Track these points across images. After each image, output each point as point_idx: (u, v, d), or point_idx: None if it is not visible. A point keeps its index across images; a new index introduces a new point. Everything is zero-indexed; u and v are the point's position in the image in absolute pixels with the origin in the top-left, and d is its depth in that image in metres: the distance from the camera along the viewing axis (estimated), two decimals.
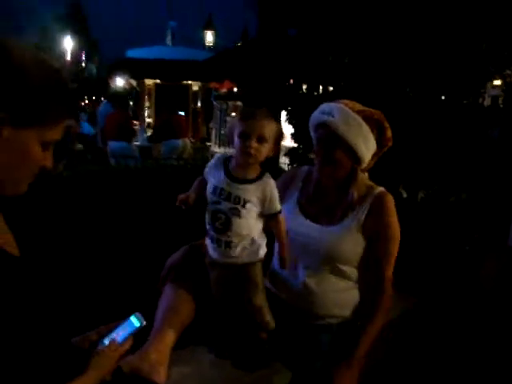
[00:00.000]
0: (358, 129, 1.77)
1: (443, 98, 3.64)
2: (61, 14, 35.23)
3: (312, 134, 1.92)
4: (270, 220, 1.71)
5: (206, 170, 1.77)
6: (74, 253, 2.37)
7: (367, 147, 1.80)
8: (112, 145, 7.39)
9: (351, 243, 1.83)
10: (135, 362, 1.58)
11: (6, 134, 0.87)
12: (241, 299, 1.72)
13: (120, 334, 1.27)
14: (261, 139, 1.61)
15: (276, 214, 1.69)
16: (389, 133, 1.86)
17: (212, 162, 1.77)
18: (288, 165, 4.54)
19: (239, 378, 1.72)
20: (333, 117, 1.78)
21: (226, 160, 1.72)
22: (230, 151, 1.76)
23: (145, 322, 1.30)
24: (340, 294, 1.87)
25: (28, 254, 0.98)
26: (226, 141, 11.82)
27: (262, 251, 1.74)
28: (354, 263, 1.86)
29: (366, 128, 1.79)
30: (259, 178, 1.67)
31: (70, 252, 2.35)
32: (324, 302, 1.84)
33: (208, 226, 1.72)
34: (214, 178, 1.72)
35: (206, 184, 1.74)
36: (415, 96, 3.63)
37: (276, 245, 1.85)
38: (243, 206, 1.64)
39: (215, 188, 1.69)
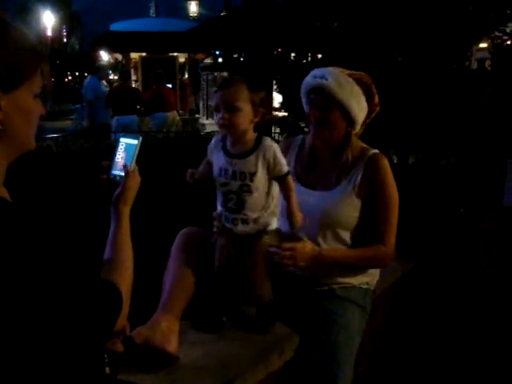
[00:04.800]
0: (351, 90, 1.80)
1: (431, 62, 3.63)
2: None
3: (304, 100, 1.92)
4: (279, 183, 1.67)
5: (208, 151, 1.76)
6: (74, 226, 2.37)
7: (360, 108, 1.83)
8: (118, 120, 7.21)
9: (348, 207, 1.85)
10: (146, 333, 1.59)
11: (3, 103, 0.92)
12: (240, 270, 1.70)
13: (124, 157, 1.24)
14: (230, 109, 1.57)
15: (284, 177, 1.65)
16: (376, 98, 1.88)
17: (212, 142, 1.75)
18: (279, 134, 4.54)
19: (249, 343, 1.74)
20: (326, 80, 1.80)
21: (223, 138, 1.70)
22: None
23: (141, 137, 1.25)
24: None
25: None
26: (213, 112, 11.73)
27: (274, 222, 1.71)
28: (353, 228, 1.87)
29: (357, 89, 1.81)
30: (257, 146, 1.63)
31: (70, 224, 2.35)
32: (326, 269, 1.86)
33: (221, 208, 1.70)
34: (216, 159, 1.70)
35: (211, 165, 1.73)
36: (403, 61, 3.62)
37: (283, 211, 1.75)
38: (251, 180, 1.62)
39: (220, 170, 1.67)
